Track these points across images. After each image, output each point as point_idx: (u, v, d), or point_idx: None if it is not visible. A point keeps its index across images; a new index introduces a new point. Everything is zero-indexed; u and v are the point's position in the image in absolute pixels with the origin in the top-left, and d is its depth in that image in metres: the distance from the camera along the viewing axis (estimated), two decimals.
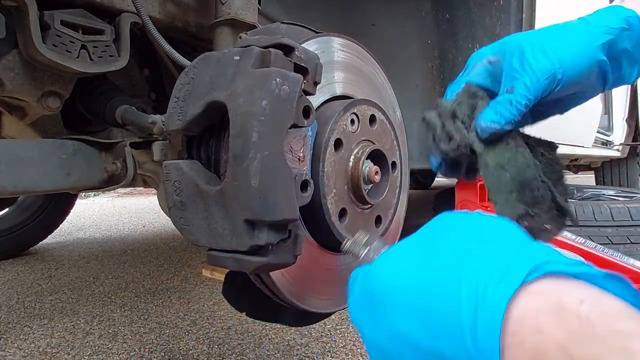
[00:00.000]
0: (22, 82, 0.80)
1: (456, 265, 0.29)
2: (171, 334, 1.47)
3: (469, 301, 0.27)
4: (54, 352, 1.35)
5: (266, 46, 0.50)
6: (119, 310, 1.70)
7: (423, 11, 1.50)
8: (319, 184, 0.55)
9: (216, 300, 1.79)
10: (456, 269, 0.29)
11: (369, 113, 0.64)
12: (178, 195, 0.52)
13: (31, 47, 0.73)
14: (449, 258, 0.30)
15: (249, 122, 0.46)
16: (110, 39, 0.83)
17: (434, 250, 0.32)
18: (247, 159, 0.45)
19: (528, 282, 0.26)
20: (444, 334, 0.28)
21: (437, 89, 1.55)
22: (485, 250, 0.29)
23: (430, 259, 0.31)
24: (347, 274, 0.69)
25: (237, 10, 0.84)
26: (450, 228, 0.33)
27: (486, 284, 0.26)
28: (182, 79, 0.54)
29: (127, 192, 6.56)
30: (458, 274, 0.28)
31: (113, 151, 0.91)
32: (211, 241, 0.50)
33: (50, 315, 1.66)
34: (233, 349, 1.36)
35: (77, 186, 0.87)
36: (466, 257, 0.29)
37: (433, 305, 0.29)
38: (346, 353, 1.33)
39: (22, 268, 2.34)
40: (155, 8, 0.89)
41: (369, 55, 0.71)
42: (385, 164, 0.66)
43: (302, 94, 0.49)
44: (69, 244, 2.94)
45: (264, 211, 0.45)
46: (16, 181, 0.77)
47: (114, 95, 0.96)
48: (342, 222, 0.59)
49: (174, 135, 0.57)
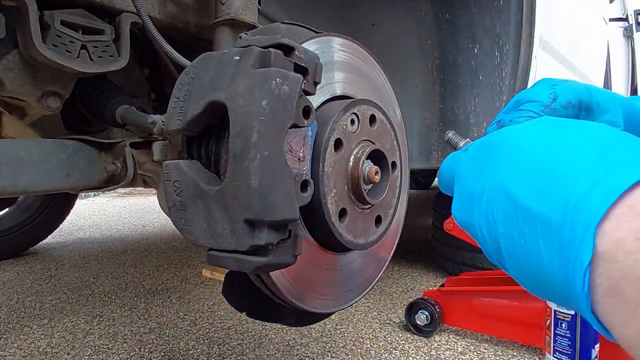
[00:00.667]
0: (22, 82, 0.80)
1: (587, 147, 0.27)
2: (171, 334, 1.47)
3: (586, 181, 0.25)
4: (54, 352, 1.35)
5: (266, 46, 0.50)
6: (119, 310, 1.70)
7: (423, 11, 1.50)
8: (319, 184, 0.55)
9: (216, 300, 1.79)
10: (586, 151, 0.27)
11: (369, 113, 0.64)
12: (178, 195, 0.52)
13: (31, 47, 0.73)
14: (583, 140, 0.28)
15: (249, 122, 0.46)
16: (110, 39, 0.83)
17: (567, 131, 0.29)
18: (247, 159, 0.45)
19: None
20: (550, 199, 0.26)
21: (437, 89, 1.56)
22: (618, 144, 0.26)
23: (561, 134, 0.29)
24: (347, 274, 0.70)
25: (237, 10, 0.84)
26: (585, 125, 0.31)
27: (607, 171, 0.24)
28: (182, 79, 0.54)
29: (127, 192, 6.56)
30: (585, 155, 0.26)
31: (113, 151, 0.91)
32: (211, 241, 0.50)
33: (50, 315, 1.66)
34: (233, 349, 1.36)
35: (77, 186, 0.87)
36: (597, 144, 0.27)
37: (550, 172, 0.27)
38: (346, 353, 1.33)
39: (22, 268, 2.34)
40: (155, 8, 0.89)
41: (369, 55, 0.71)
42: (385, 164, 0.66)
43: (302, 94, 0.49)
44: (69, 244, 2.94)
45: (264, 211, 0.45)
46: (16, 181, 0.77)
47: (114, 95, 0.96)
48: (342, 222, 0.59)
49: (174, 135, 0.57)
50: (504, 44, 1.39)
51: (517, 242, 0.29)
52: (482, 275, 1.67)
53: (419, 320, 1.44)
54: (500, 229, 0.30)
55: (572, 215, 0.25)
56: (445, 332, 1.49)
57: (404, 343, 1.41)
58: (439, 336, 1.46)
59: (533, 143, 0.30)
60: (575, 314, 1.09)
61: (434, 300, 1.45)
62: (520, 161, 0.30)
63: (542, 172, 0.28)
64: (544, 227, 0.26)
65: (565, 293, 0.26)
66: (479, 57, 1.45)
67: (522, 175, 0.29)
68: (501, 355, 1.33)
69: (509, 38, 1.38)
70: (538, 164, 0.29)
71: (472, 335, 1.46)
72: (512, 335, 1.36)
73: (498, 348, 1.37)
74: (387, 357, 1.31)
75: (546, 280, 0.28)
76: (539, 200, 0.27)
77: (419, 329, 1.45)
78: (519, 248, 0.29)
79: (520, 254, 0.29)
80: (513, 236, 0.29)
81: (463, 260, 1.99)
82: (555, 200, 0.26)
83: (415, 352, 1.35)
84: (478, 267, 1.93)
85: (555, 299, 0.29)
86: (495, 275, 1.62)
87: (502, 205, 0.30)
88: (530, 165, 0.29)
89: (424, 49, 1.55)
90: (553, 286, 0.27)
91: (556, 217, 0.26)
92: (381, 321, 1.59)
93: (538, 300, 1.25)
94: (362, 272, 0.73)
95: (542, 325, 1.19)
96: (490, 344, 1.40)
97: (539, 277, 0.28)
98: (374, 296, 1.85)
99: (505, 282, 1.52)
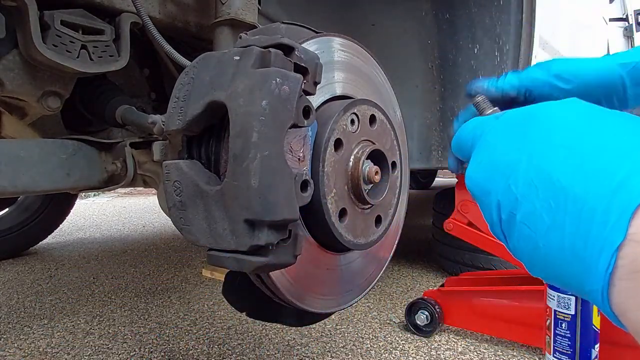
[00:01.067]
0: (22, 82, 0.80)
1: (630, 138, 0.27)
2: (171, 334, 1.47)
3: (628, 169, 0.25)
4: (54, 352, 1.35)
5: (266, 46, 0.50)
6: (119, 310, 1.70)
7: (423, 11, 1.50)
8: (319, 184, 0.55)
9: (216, 300, 1.79)
10: (628, 141, 0.27)
11: (369, 113, 0.64)
12: (178, 195, 0.52)
13: (31, 47, 0.73)
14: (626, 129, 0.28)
15: (249, 122, 0.46)
16: (110, 39, 0.83)
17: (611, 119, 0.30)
18: (247, 159, 0.45)
19: None
20: (588, 180, 0.27)
21: (437, 89, 1.56)
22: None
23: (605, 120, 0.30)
24: (347, 274, 0.70)
25: (237, 10, 0.84)
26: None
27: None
28: (182, 79, 0.54)
29: (127, 192, 6.56)
30: (627, 145, 0.27)
31: (113, 151, 0.91)
32: (211, 241, 0.50)
33: (50, 315, 1.66)
34: (233, 349, 1.36)
35: (77, 186, 0.87)
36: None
37: (590, 155, 0.28)
38: (346, 353, 1.33)
39: (22, 268, 2.34)
40: (155, 8, 0.89)
41: (369, 55, 0.71)
42: (385, 164, 0.66)
43: (302, 94, 0.49)
44: (69, 244, 2.94)
45: (264, 211, 0.45)
46: (16, 181, 0.77)
47: (114, 95, 0.96)
48: (342, 222, 0.59)
49: (174, 135, 0.57)
50: (504, 44, 1.39)
51: (539, 216, 0.29)
52: (482, 275, 1.67)
53: (419, 320, 1.44)
54: (523, 201, 0.30)
55: (609, 197, 0.25)
56: (445, 332, 1.49)
57: (404, 343, 1.41)
58: (439, 336, 1.46)
59: (575, 124, 0.30)
60: (576, 314, 1.09)
61: (434, 300, 1.45)
62: (561, 140, 0.30)
63: (583, 154, 0.28)
64: (576, 206, 0.27)
65: (578, 272, 0.27)
66: (479, 57, 1.45)
67: (561, 154, 0.29)
68: (501, 355, 1.33)
69: (509, 38, 1.38)
70: (579, 146, 0.29)
71: (472, 335, 1.46)
72: (512, 335, 1.36)
73: (498, 348, 1.37)
74: (387, 357, 1.31)
75: (560, 257, 0.28)
76: (577, 180, 0.27)
77: (419, 329, 1.45)
78: (539, 222, 0.29)
79: (539, 228, 0.29)
80: (535, 209, 0.29)
81: (463, 260, 1.99)
82: (594, 182, 0.26)
83: (415, 352, 1.35)
84: (478, 267, 1.93)
85: (562, 277, 0.29)
86: (495, 275, 1.62)
87: (535, 180, 0.30)
88: (571, 145, 0.29)
89: (424, 49, 1.55)
90: (566, 264, 0.28)
91: (592, 197, 0.26)
92: (381, 321, 1.59)
93: (538, 300, 1.25)
94: (362, 272, 0.73)
95: (542, 325, 1.19)
96: (490, 344, 1.40)
97: (552, 253, 0.28)
98: (374, 296, 1.85)
99: (506, 282, 1.52)
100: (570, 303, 1.10)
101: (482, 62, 1.45)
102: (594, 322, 1.09)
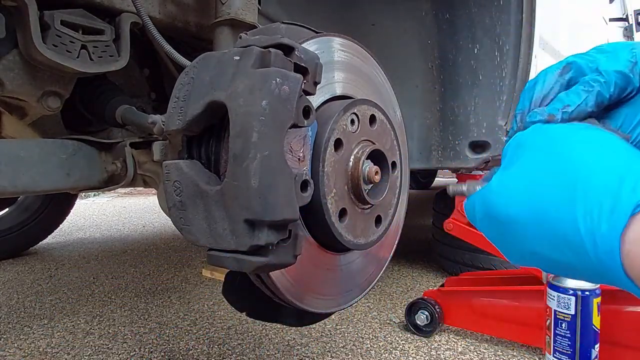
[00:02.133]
0: (22, 82, 0.80)
1: (568, 189, 0.30)
2: (171, 334, 1.47)
3: (586, 225, 0.28)
4: (54, 352, 1.35)
5: (266, 46, 0.50)
6: (119, 310, 1.70)
7: (423, 11, 1.50)
8: (319, 184, 0.55)
9: (216, 300, 1.79)
10: (568, 193, 0.30)
11: (369, 113, 0.64)
12: (178, 195, 0.52)
13: (31, 47, 0.73)
14: (560, 182, 0.31)
15: (249, 122, 0.46)
16: (110, 39, 0.83)
17: (544, 173, 0.33)
18: (247, 159, 0.45)
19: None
20: (569, 251, 0.30)
21: (437, 89, 1.55)
22: (596, 169, 0.30)
23: (541, 181, 0.32)
24: (347, 274, 0.70)
25: (237, 10, 0.84)
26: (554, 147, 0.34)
27: (600, 210, 0.27)
28: (182, 79, 0.54)
29: (127, 192, 6.56)
30: (571, 199, 0.30)
31: (113, 151, 0.91)
32: (211, 241, 0.50)
33: (50, 315, 1.66)
34: (233, 349, 1.36)
35: (77, 186, 0.87)
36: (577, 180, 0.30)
37: (553, 228, 0.30)
38: (346, 353, 1.33)
39: (22, 268, 2.34)
40: (155, 8, 0.89)
41: (369, 55, 0.71)
42: (385, 164, 0.66)
43: (302, 94, 0.49)
44: (69, 244, 2.94)
45: (264, 211, 0.45)
46: (16, 181, 0.77)
47: (114, 95, 0.96)
48: (342, 222, 0.59)
49: (174, 135, 0.57)
50: (504, 44, 1.39)
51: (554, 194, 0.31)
52: (482, 275, 1.67)
53: (419, 320, 1.44)
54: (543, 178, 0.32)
55: (620, 180, 0.28)
56: (445, 332, 1.49)
57: (404, 343, 1.41)
58: (439, 336, 1.46)
59: (523, 207, 0.33)
60: (576, 314, 1.09)
61: (434, 300, 1.45)
62: (524, 229, 0.33)
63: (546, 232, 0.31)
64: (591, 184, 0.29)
65: (588, 240, 0.28)
66: (479, 57, 1.45)
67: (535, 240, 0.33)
68: (501, 355, 1.33)
69: (509, 38, 1.38)
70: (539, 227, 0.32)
71: (472, 335, 1.46)
72: (512, 335, 1.36)
73: (498, 348, 1.37)
74: (387, 357, 1.31)
75: (569, 228, 0.30)
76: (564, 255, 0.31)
77: (419, 329, 1.45)
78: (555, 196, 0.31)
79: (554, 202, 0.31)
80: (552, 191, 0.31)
81: (463, 260, 1.99)
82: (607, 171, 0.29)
83: (415, 352, 1.35)
84: (478, 267, 1.93)
85: (570, 243, 0.30)
86: (495, 275, 1.62)
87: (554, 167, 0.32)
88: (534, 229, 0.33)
89: (424, 49, 1.55)
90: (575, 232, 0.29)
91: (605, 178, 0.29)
92: (381, 321, 1.59)
93: (538, 300, 1.25)
94: (362, 272, 0.73)
95: (542, 325, 1.19)
96: (490, 344, 1.40)
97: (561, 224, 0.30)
98: (374, 296, 1.85)
99: (506, 282, 1.52)
100: (570, 303, 1.10)
101: (482, 62, 1.45)
102: (594, 322, 1.09)
